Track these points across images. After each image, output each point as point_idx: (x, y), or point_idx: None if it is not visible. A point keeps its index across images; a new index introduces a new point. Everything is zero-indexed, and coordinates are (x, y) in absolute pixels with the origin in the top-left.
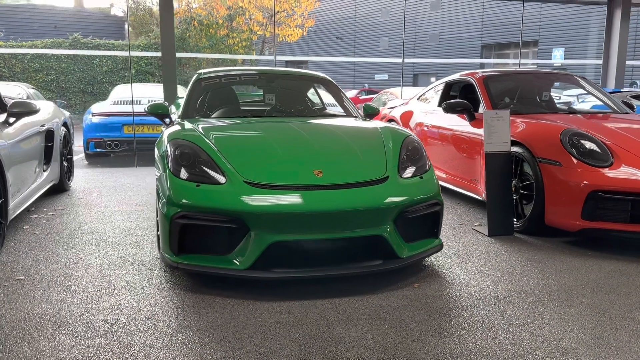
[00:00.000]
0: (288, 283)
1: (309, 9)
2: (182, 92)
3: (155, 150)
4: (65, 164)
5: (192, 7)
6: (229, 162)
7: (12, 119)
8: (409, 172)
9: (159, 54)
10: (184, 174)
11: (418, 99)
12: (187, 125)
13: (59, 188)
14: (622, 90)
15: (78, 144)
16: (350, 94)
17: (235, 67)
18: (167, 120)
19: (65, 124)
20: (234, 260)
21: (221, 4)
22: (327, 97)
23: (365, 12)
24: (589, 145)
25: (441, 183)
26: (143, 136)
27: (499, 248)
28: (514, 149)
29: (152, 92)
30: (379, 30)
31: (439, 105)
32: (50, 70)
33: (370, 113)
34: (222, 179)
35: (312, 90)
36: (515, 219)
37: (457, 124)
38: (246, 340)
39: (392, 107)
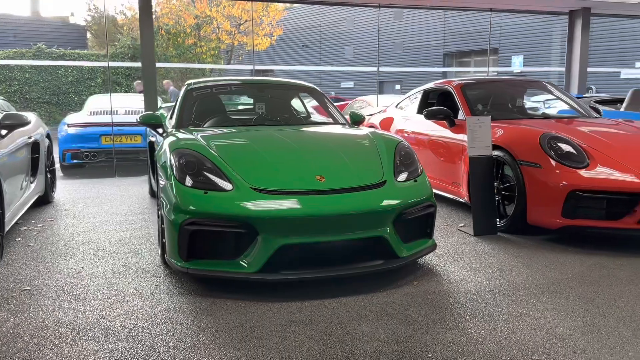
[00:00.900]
0: (293, 285)
1: (277, 17)
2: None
3: (157, 160)
4: (48, 175)
5: (159, 15)
6: (234, 170)
7: (4, 131)
8: (403, 176)
9: (138, 64)
10: (189, 182)
11: (396, 106)
12: (187, 134)
13: (43, 200)
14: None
15: None
16: None
17: (222, 77)
18: (160, 130)
19: (48, 135)
20: (244, 264)
21: (189, 12)
22: (316, 105)
23: (330, 20)
24: (566, 147)
25: None
26: (122, 146)
27: (486, 247)
28: (495, 152)
29: (129, 102)
30: (344, 39)
31: (419, 112)
32: (13, 81)
33: (357, 120)
34: (228, 186)
35: (299, 98)
36: (497, 219)
37: (438, 130)
38: (265, 338)
39: (371, 115)
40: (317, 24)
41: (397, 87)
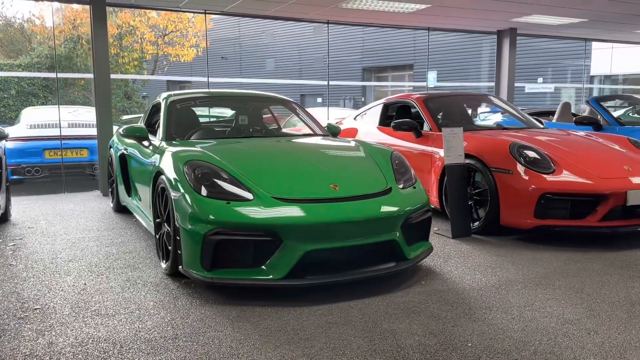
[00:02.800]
0: (308, 289)
1: (203, 29)
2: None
3: (166, 173)
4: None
5: (78, 24)
6: (250, 180)
7: None
8: (401, 183)
9: (89, 76)
10: (204, 192)
11: (354, 118)
12: (187, 147)
13: (2, 218)
14: None
15: None
16: None
17: (200, 90)
18: (146, 142)
19: (4, 150)
20: (269, 271)
21: (111, 22)
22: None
23: (249, 33)
24: (532, 154)
25: None
26: (68, 161)
27: (467, 247)
28: (467, 161)
29: (71, 115)
30: (264, 52)
31: (381, 124)
32: None
33: (334, 132)
34: (249, 196)
35: (270, 110)
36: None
37: (403, 140)
38: (312, 340)
39: None
40: (236, 36)
41: (319, 99)
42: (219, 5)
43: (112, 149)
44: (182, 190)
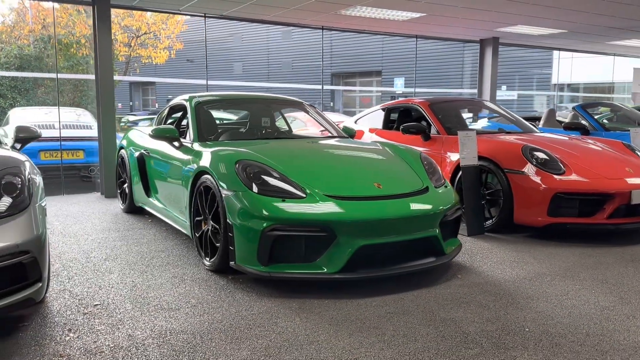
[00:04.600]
0: (356, 283)
1: (177, 31)
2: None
3: (213, 172)
4: None
5: (47, 24)
6: (300, 178)
7: (18, 145)
8: (434, 182)
9: (90, 77)
10: (257, 190)
11: (355, 122)
12: (228, 147)
13: None
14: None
15: None
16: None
17: (224, 92)
18: (176, 143)
19: None
20: (324, 265)
21: (82, 22)
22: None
23: (216, 36)
24: (542, 156)
25: None
26: (65, 162)
27: (486, 244)
28: (480, 162)
29: (64, 116)
30: (232, 55)
31: (384, 127)
32: None
33: (351, 134)
34: (302, 194)
35: (281, 113)
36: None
37: (411, 143)
38: (380, 328)
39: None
40: (201, 39)
41: None
42: (220, 9)
43: (123, 150)
44: (235, 189)
